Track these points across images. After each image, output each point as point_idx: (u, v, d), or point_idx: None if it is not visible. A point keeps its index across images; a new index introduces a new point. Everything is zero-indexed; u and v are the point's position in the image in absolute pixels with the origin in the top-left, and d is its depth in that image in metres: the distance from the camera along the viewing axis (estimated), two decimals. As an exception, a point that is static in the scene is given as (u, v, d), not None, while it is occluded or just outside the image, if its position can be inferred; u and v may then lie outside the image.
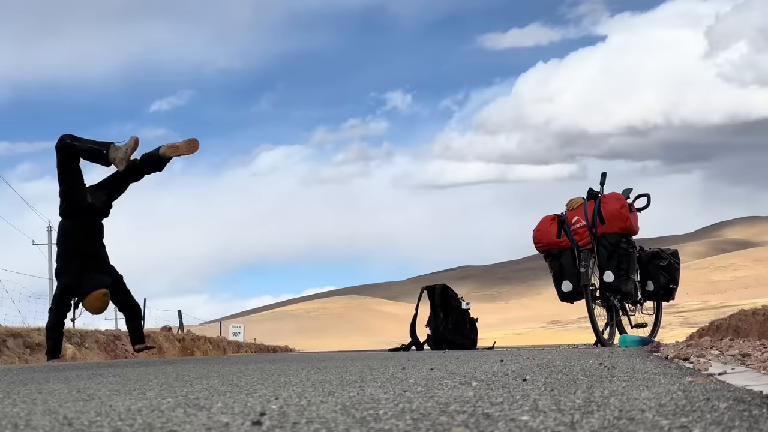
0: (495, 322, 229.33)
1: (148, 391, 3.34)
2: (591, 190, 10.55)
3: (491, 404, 2.49)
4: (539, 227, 10.67)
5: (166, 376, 4.51)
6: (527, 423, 2.08)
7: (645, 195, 10.79)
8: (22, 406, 2.80)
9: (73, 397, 3.12)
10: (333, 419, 2.22)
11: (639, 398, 2.56)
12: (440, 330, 12.48)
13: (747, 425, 1.95)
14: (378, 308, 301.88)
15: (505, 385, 3.23)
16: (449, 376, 3.88)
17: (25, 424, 2.28)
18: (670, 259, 10.84)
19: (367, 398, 2.77)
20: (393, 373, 4.24)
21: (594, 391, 2.82)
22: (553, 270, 10.51)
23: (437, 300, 12.71)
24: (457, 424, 2.09)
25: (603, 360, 5.04)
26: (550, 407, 2.37)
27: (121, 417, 2.39)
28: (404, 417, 2.23)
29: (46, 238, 39.05)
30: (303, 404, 2.62)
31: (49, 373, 5.26)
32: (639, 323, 10.89)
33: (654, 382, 3.14)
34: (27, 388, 3.73)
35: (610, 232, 10.17)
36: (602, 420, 2.09)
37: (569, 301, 10.52)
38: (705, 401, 2.40)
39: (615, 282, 10.16)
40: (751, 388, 2.78)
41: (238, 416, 2.33)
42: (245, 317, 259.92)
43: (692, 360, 4.85)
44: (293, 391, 3.15)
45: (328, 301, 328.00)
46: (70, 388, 3.68)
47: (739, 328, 8.80)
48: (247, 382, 3.76)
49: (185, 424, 2.18)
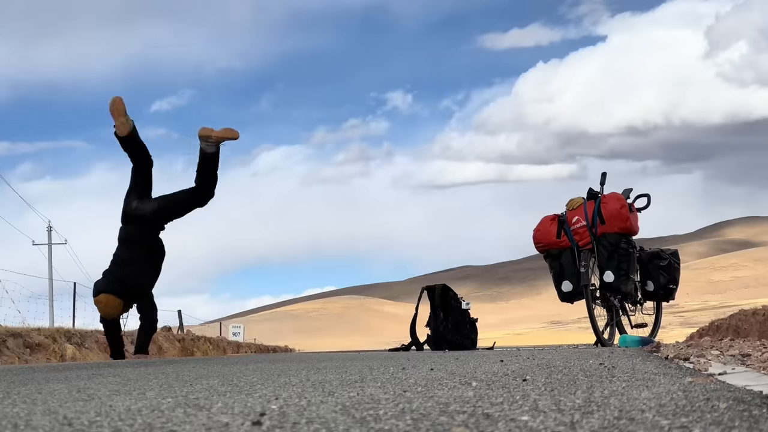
0: (495, 322, 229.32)
1: (148, 391, 3.34)
2: (591, 190, 10.55)
3: (491, 404, 2.49)
4: (539, 227, 10.67)
5: (166, 376, 4.51)
6: (527, 423, 2.08)
7: (645, 195, 10.79)
8: (22, 406, 2.80)
9: (73, 397, 3.12)
10: (333, 419, 2.22)
11: (639, 398, 2.56)
12: (440, 330, 12.47)
13: (747, 425, 1.95)
14: (378, 308, 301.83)
15: (505, 385, 3.23)
16: (449, 376, 3.87)
17: (25, 424, 2.28)
18: (670, 259, 10.84)
19: (367, 398, 2.77)
20: (393, 373, 4.24)
21: (594, 391, 2.82)
22: (553, 270, 10.51)
23: (437, 300, 12.70)
24: (457, 424, 2.09)
25: (603, 360, 5.04)
26: (550, 407, 2.37)
27: (121, 417, 2.38)
28: (404, 417, 2.23)
29: (46, 238, 39.06)
30: (303, 404, 2.62)
31: (49, 373, 5.26)
32: (639, 323, 10.89)
33: (654, 383, 3.14)
34: (27, 388, 3.73)
35: (610, 232, 10.17)
36: (602, 420, 2.09)
37: (569, 301, 10.52)
38: (705, 401, 2.40)
39: (615, 282, 10.16)
40: (751, 388, 2.78)
41: (238, 416, 2.33)
42: (245, 317, 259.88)
43: (692, 360, 4.85)
44: (293, 391, 3.15)
45: (328, 301, 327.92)
46: (70, 388, 3.68)
47: (739, 328, 8.79)
48: (247, 382, 3.76)
49: (185, 424, 2.18)
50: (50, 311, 28.21)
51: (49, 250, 38.39)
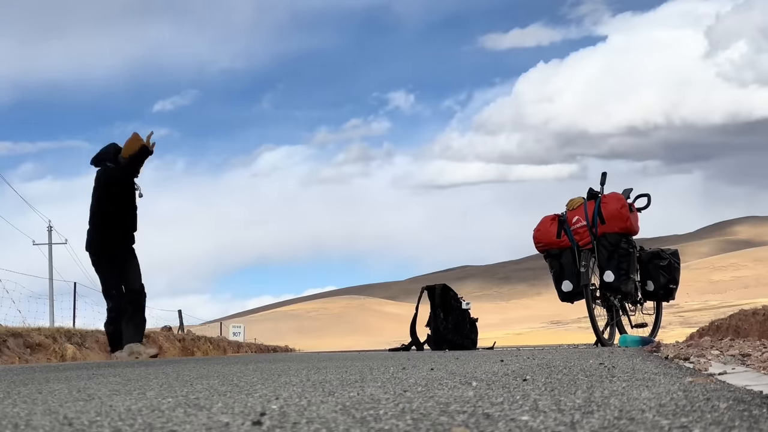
0: (495, 322, 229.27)
1: (148, 391, 3.34)
2: (591, 190, 10.56)
3: (491, 404, 2.49)
4: (539, 227, 10.68)
5: (166, 376, 4.51)
6: (527, 423, 2.08)
7: (645, 195, 10.79)
8: (22, 406, 2.80)
9: (73, 397, 3.12)
10: (333, 419, 2.22)
11: (639, 398, 2.56)
12: (440, 330, 12.47)
13: (747, 425, 1.95)
14: (378, 308, 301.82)
15: (506, 385, 3.23)
16: (449, 376, 3.87)
17: (26, 424, 2.28)
18: (670, 259, 10.84)
19: (368, 398, 2.77)
20: (393, 373, 4.24)
21: (594, 391, 2.82)
22: (554, 270, 10.52)
23: (437, 300, 12.71)
24: (457, 424, 2.09)
25: (603, 360, 5.04)
26: (551, 407, 2.37)
27: (121, 417, 2.39)
28: (404, 417, 2.23)
29: (46, 238, 39.05)
30: (303, 404, 2.62)
31: (49, 373, 5.26)
32: (639, 323, 10.89)
33: (654, 382, 3.14)
34: (27, 388, 3.73)
35: (610, 232, 10.17)
36: (602, 420, 2.09)
37: (569, 301, 10.52)
38: (705, 401, 2.40)
39: (615, 282, 10.16)
40: (751, 388, 2.78)
41: (239, 416, 2.33)
42: (245, 317, 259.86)
43: (692, 360, 4.85)
44: (293, 391, 3.15)
45: (328, 301, 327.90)
46: (70, 388, 3.68)
47: (740, 328, 8.79)
48: (247, 382, 3.76)
49: (185, 424, 2.18)
50: (50, 311, 28.20)
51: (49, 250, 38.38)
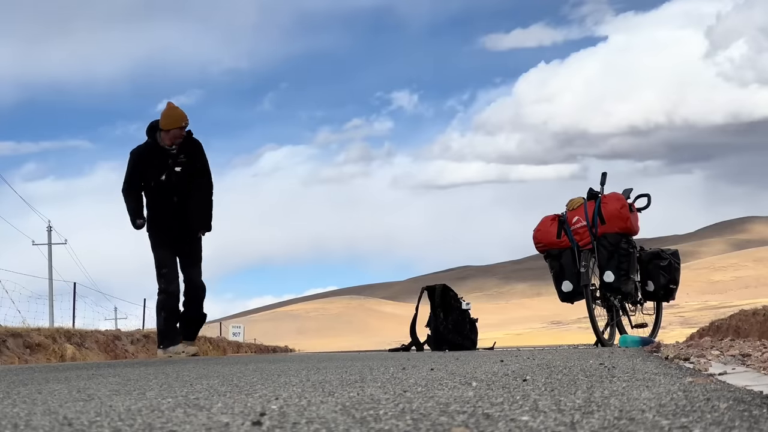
0: (495, 322, 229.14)
1: (148, 391, 3.34)
2: (591, 190, 10.55)
3: (491, 404, 2.49)
4: (539, 227, 10.67)
5: (166, 376, 4.51)
6: (527, 423, 2.08)
7: (645, 195, 10.78)
8: (22, 407, 2.80)
9: (73, 397, 3.12)
10: (333, 419, 2.22)
11: (639, 398, 2.56)
12: (440, 330, 12.46)
13: (747, 425, 1.95)
14: (378, 308, 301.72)
15: (505, 385, 3.22)
16: (449, 376, 3.87)
17: (25, 424, 2.28)
18: (671, 259, 10.83)
19: (367, 398, 2.77)
20: (393, 373, 4.24)
21: (594, 392, 2.82)
22: (553, 270, 10.50)
23: (437, 300, 12.69)
24: (457, 424, 2.09)
25: (603, 360, 5.04)
26: (551, 407, 2.37)
27: (121, 417, 2.38)
28: (404, 417, 2.23)
29: (46, 238, 39.07)
30: (303, 404, 2.62)
31: (49, 373, 5.26)
32: (639, 323, 10.88)
33: (654, 383, 3.14)
34: (27, 389, 3.73)
35: (610, 232, 10.16)
36: (602, 420, 2.09)
37: (569, 301, 10.51)
38: (705, 401, 2.40)
39: (615, 282, 10.15)
40: (752, 389, 2.78)
41: (238, 416, 2.33)
42: (245, 317, 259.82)
43: (692, 360, 4.84)
44: (293, 392, 3.15)
45: (327, 302, 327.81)
46: (70, 388, 3.67)
47: (740, 329, 8.79)
48: (247, 382, 3.76)
49: (185, 425, 2.18)
50: (50, 311, 28.20)
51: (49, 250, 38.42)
